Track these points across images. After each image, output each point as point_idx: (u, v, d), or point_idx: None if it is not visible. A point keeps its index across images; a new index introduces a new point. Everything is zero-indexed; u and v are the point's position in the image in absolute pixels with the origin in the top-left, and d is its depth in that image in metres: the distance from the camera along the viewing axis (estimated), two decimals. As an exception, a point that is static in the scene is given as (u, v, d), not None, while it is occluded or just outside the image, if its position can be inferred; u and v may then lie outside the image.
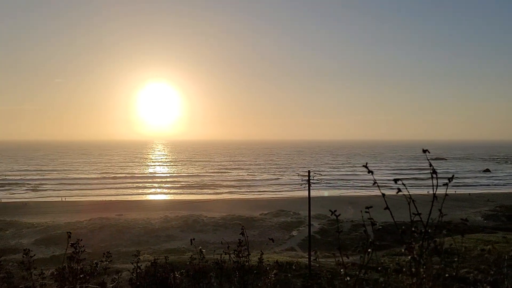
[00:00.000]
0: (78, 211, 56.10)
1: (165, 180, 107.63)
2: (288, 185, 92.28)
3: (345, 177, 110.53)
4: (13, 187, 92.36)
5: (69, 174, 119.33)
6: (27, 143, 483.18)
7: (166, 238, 42.46)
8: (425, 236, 2.36)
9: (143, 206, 62.03)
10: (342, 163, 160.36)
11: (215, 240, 42.42)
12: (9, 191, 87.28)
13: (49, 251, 38.04)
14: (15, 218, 49.47)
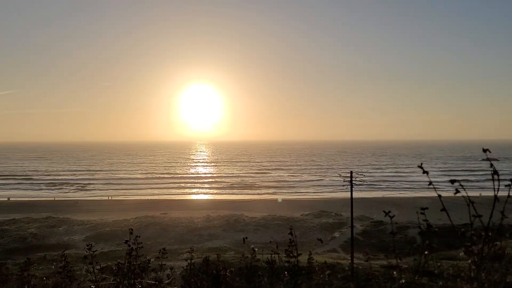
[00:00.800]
0: (124, 210, 58.23)
1: (207, 180, 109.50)
2: (329, 186, 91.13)
3: (389, 178, 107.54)
4: (65, 186, 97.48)
5: (115, 174, 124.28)
6: (77, 144, 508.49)
7: (209, 237, 43.17)
8: (486, 240, 2.24)
9: (186, 205, 63.42)
10: (385, 163, 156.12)
11: (256, 239, 42.62)
12: (61, 190, 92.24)
13: (98, 248, 39.69)
14: (67, 215, 52.07)
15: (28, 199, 74.88)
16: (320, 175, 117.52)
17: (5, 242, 41.49)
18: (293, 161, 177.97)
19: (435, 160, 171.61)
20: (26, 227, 45.34)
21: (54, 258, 34.78)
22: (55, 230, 45.07)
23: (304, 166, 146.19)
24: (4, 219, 48.83)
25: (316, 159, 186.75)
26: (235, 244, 40.60)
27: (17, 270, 19.52)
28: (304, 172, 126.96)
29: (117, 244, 40.13)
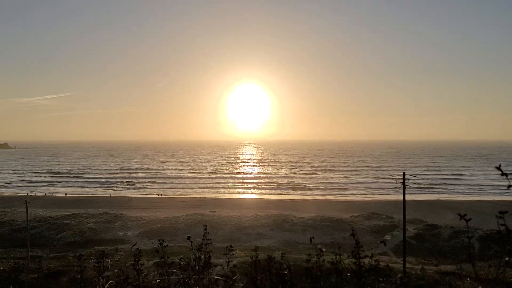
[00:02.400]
0: (175, 207, 59.98)
1: (254, 180, 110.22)
2: (380, 188, 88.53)
3: (445, 180, 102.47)
4: (119, 184, 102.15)
5: (166, 173, 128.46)
6: (130, 143, 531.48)
7: (257, 236, 43.40)
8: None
9: (234, 204, 64.21)
10: (441, 165, 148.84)
11: (304, 240, 42.28)
12: (116, 187, 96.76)
13: (151, 243, 41.15)
14: (121, 211, 54.47)
15: (86, 196, 79.18)
16: (370, 176, 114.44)
17: (66, 236, 44.11)
18: (343, 161, 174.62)
19: (501, 161, 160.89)
20: (85, 222, 47.93)
21: (111, 252, 36.49)
22: (111, 225, 47.25)
23: (354, 167, 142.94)
24: (65, 214, 51.94)
25: (367, 160, 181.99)
26: (283, 243, 40.54)
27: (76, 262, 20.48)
28: (354, 173, 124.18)
29: (168, 240, 41.35)
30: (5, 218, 50.34)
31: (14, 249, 40.03)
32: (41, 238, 43.38)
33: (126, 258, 30.14)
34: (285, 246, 38.99)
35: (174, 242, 39.03)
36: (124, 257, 33.03)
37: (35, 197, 70.20)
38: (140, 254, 3.90)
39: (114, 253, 36.34)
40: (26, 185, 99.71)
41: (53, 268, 9.85)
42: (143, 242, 41.04)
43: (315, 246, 3.80)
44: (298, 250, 37.29)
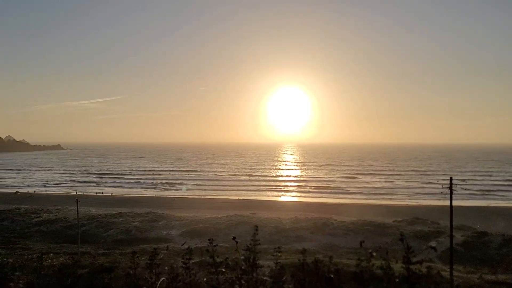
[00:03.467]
0: (216, 208, 60.96)
1: (294, 183, 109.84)
2: (426, 193, 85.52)
3: (495, 186, 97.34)
4: (163, 185, 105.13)
5: (207, 174, 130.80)
6: (174, 145, 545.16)
7: (296, 238, 43.25)
8: None
9: (274, 206, 64.33)
10: (492, 170, 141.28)
11: (345, 244, 41.67)
12: (159, 187, 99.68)
13: (193, 243, 42.04)
14: (165, 211, 56.01)
15: (131, 195, 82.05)
16: (415, 181, 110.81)
17: (113, 233, 45.99)
18: (385, 165, 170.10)
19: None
20: (131, 221, 49.75)
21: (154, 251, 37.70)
22: (155, 224, 48.75)
23: (397, 171, 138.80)
24: (112, 213, 54.16)
25: (411, 164, 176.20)
26: (323, 247, 40.15)
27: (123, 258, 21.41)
28: (397, 177, 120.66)
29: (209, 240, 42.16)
30: (57, 216, 53.27)
31: (66, 244, 42.24)
32: (90, 235, 45.47)
33: (170, 256, 31.06)
34: (326, 250, 38.60)
35: (216, 242, 39.22)
36: (167, 255, 34.01)
37: (84, 196, 73.67)
38: (191, 253, 4.09)
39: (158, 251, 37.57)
40: (76, 185, 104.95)
41: (106, 263, 10.50)
42: (186, 241, 42.02)
43: (365, 250, 3.78)
44: (339, 254, 36.78)
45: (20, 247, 39.22)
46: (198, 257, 4.58)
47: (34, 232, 47.34)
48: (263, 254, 4.54)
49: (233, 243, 4.90)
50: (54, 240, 44.14)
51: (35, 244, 41.94)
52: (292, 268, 5.40)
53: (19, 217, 52.38)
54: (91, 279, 4.14)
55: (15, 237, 44.26)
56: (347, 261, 25.75)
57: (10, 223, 50.15)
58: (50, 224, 49.71)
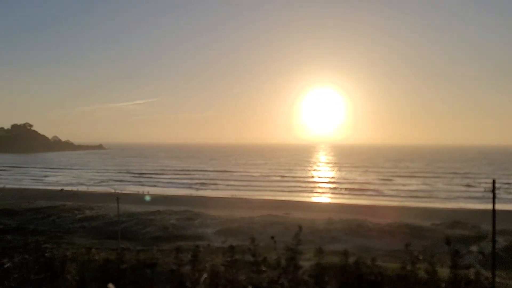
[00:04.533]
0: (249, 208, 61.39)
1: (328, 183, 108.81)
2: (467, 197, 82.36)
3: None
4: (198, 184, 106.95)
5: (240, 174, 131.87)
6: (209, 145, 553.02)
7: (330, 239, 42.92)
8: None
9: (307, 207, 64.06)
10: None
11: (380, 246, 40.91)
12: (195, 186, 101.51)
13: (228, 241, 42.69)
14: (200, 210, 57.01)
15: (167, 194, 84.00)
16: (454, 183, 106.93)
17: (152, 230, 47.40)
18: (423, 167, 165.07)
19: None
20: (168, 218, 51.10)
21: (190, 248, 38.60)
22: (191, 222, 49.82)
23: (436, 173, 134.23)
24: (150, 210, 55.81)
25: (451, 166, 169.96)
26: (358, 249, 39.61)
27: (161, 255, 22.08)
28: (436, 179, 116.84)
29: (243, 239, 42.57)
30: (99, 213, 55.50)
31: (107, 240, 43.90)
32: (129, 232, 47.05)
33: (205, 254, 31.70)
34: (360, 252, 38.07)
35: (249, 241, 40.07)
36: (203, 253, 34.70)
37: (123, 194, 76.17)
38: (233, 250, 4.32)
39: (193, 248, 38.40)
40: (115, 183, 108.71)
41: (148, 259, 10.93)
42: (220, 239, 42.65)
43: (409, 253, 3.78)
44: (374, 256, 36.25)
45: (65, 242, 41.13)
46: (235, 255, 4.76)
47: (77, 228, 49.54)
48: (297, 254, 4.62)
49: (268, 242, 5.05)
50: (96, 236, 46.00)
51: (78, 239, 43.88)
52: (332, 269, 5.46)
53: (64, 214, 55.01)
54: (135, 274, 4.42)
55: (60, 232, 46.49)
56: (386, 264, 25.42)
57: (56, 218, 52.75)
58: (92, 221, 51.86)
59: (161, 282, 6.08)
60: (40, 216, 54.57)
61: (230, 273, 4.85)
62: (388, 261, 32.62)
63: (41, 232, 44.88)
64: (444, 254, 19.53)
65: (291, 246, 4.68)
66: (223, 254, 4.87)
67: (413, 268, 3.99)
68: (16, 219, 53.10)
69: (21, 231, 45.25)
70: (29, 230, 45.98)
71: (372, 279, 4.21)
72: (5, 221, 51.35)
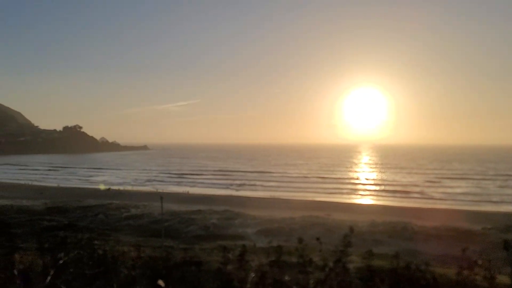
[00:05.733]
0: (289, 208, 61.02)
1: (370, 185, 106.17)
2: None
3: None
4: (237, 184, 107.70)
5: (280, 174, 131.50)
6: (249, 146, 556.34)
7: (373, 242, 41.76)
8: None
9: (349, 208, 62.81)
10: None
11: (426, 250, 39.34)
12: (234, 187, 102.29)
13: (268, 241, 42.56)
14: (240, 210, 57.38)
15: (208, 194, 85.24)
16: (508, 186, 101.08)
17: (193, 229, 48.22)
18: (473, 168, 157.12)
19: None
20: (209, 218, 51.83)
21: (231, 247, 38.87)
22: (231, 222, 50.22)
23: (487, 175, 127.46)
24: (192, 210, 56.87)
25: (502, 167, 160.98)
26: (402, 252, 38.19)
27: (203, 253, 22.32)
28: (487, 182, 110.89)
29: (284, 240, 42.30)
30: (144, 211, 57.22)
31: (151, 238, 45.11)
32: (172, 231, 48.11)
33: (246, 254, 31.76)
34: (405, 255, 36.68)
35: (290, 242, 39.70)
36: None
37: (166, 193, 78.09)
38: (282, 252, 4.22)
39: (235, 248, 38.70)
40: (158, 183, 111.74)
41: (195, 257, 11.18)
42: (260, 240, 42.68)
43: (467, 258, 3.56)
44: (419, 260, 34.90)
45: (112, 239, 42.66)
46: (274, 256, 4.66)
47: (123, 225, 51.27)
48: (346, 256, 4.46)
49: (309, 243, 4.88)
50: (141, 234, 47.37)
51: (124, 237, 45.37)
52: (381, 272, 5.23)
53: (111, 212, 57.20)
54: (183, 271, 4.46)
55: (108, 230, 48.28)
56: (436, 269, 24.39)
57: (104, 217, 54.92)
58: (137, 219, 53.52)
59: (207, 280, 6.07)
60: (89, 214, 57.03)
61: (277, 274, 4.75)
62: (435, 265, 31.29)
63: (90, 229, 46.79)
64: (497, 260, 18.38)
65: (339, 247, 4.50)
66: (267, 254, 4.77)
67: (470, 274, 3.69)
68: (67, 216, 55.77)
69: (72, 228, 47.41)
70: (79, 227, 48.09)
71: (424, 284, 3.97)
72: (57, 218, 54.08)
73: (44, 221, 50.64)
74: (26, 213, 56.38)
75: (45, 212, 58.11)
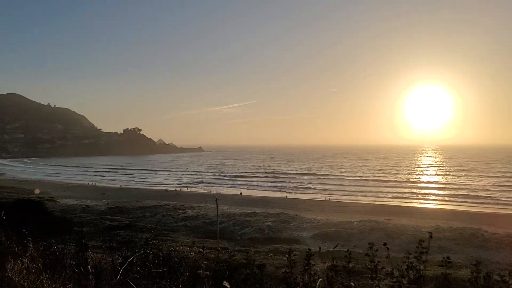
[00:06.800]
0: (347, 212, 59.53)
1: (434, 188, 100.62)
2: None
3: None
4: (292, 186, 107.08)
5: (337, 176, 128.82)
6: (305, 147, 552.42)
7: (438, 249, 39.48)
8: None
9: (411, 213, 59.93)
10: None
11: (498, 259, 36.60)
12: (290, 189, 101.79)
13: (324, 246, 41.73)
14: (296, 213, 56.78)
15: (262, 196, 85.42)
16: None
17: (249, 232, 48.50)
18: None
19: None
20: (264, 220, 51.82)
21: (286, 251, 38.46)
22: (287, 225, 49.85)
23: None
24: (246, 212, 57.19)
25: None
26: (471, 260, 35.79)
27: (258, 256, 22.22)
28: None
29: (342, 245, 41.25)
30: (200, 212, 58.55)
31: (207, 239, 46.01)
32: (227, 232, 48.79)
33: (302, 258, 31.26)
34: (475, 264, 34.37)
35: (347, 247, 38.64)
36: (299, 257, 34.36)
37: (221, 195, 79.50)
38: (350, 256, 3.90)
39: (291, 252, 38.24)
40: (213, 185, 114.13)
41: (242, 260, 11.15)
42: (317, 244, 41.95)
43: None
44: (490, 270, 32.37)
45: (170, 239, 44.04)
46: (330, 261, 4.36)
47: (180, 226, 52.80)
48: (400, 263, 4.13)
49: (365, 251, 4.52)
50: (197, 235, 48.50)
51: (181, 237, 46.68)
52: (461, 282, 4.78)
53: (168, 212, 59.15)
54: (245, 273, 4.33)
55: (165, 230, 49.98)
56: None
57: (161, 217, 56.90)
58: (193, 220, 54.87)
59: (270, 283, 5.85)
60: (147, 214, 59.44)
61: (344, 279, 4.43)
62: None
63: (149, 229, 48.69)
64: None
65: (405, 253, 4.11)
66: (330, 259, 4.44)
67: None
68: (128, 216, 58.54)
69: (132, 228, 49.64)
70: (139, 227, 50.22)
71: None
72: (119, 217, 56.92)
73: (107, 221, 53.54)
74: (90, 213, 59.99)
75: (108, 212, 61.45)
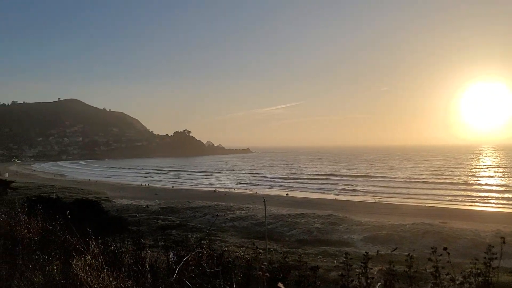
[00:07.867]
0: (398, 214, 57.53)
1: (496, 192, 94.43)
2: None
3: None
4: (340, 188, 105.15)
5: (388, 178, 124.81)
6: (354, 148, 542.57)
7: (502, 255, 37.11)
8: None
9: (469, 216, 56.75)
10: None
11: None
12: (338, 191, 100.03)
13: (375, 249, 40.50)
14: (345, 215, 55.63)
15: (309, 197, 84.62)
16: None
17: (297, 233, 48.20)
18: None
19: None
20: (312, 222, 51.27)
21: (335, 253, 37.77)
22: (336, 227, 48.96)
23: None
24: (294, 213, 56.87)
25: None
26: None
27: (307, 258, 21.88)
28: None
29: (392, 248, 39.89)
30: (248, 213, 59.02)
31: (255, 240, 46.19)
32: (275, 233, 48.73)
33: (354, 261, 30.52)
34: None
35: (400, 251, 37.35)
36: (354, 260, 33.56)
37: (269, 196, 79.62)
38: (412, 260, 3.68)
39: (340, 254, 37.52)
40: (260, 186, 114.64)
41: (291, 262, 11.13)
42: (368, 247, 40.86)
43: None
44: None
45: (219, 239, 44.75)
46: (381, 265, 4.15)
47: (229, 227, 53.48)
48: (457, 269, 3.82)
49: (421, 253, 4.23)
50: (245, 235, 48.87)
51: (230, 238, 47.27)
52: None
53: (217, 213, 60.12)
54: (299, 276, 4.27)
55: (214, 230, 50.84)
56: None
57: (211, 217, 57.99)
58: (241, 221, 55.37)
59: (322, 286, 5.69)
60: (197, 214, 60.75)
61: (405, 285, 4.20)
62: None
63: (198, 229, 49.76)
64: None
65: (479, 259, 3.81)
66: (388, 262, 4.23)
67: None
68: (179, 216, 60.16)
69: (183, 228, 50.96)
70: (189, 227, 51.46)
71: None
72: (170, 217, 58.66)
73: (159, 220, 55.38)
74: (143, 212, 62.34)
75: (160, 211, 63.56)
